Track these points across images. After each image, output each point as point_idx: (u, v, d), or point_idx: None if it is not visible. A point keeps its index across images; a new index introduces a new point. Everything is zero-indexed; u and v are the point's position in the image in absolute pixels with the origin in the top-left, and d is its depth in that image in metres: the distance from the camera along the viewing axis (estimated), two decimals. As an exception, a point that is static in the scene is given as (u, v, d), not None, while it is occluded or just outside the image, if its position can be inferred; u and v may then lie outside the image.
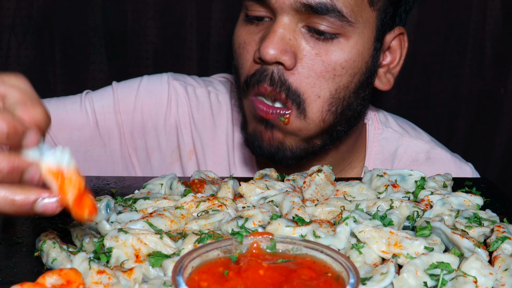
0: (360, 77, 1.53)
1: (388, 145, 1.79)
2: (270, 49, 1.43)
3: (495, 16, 2.51)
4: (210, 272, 0.89)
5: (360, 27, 1.48)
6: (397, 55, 1.62)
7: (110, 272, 0.97)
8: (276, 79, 1.46)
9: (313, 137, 1.54)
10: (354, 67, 1.50)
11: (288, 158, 1.54)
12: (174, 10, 2.44)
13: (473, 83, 2.59)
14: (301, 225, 1.11)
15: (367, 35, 1.50)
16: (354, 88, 1.53)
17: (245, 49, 1.53)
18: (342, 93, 1.51)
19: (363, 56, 1.51)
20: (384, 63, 1.61)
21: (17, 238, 1.13)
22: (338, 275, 0.90)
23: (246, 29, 1.54)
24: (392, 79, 1.63)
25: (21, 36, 2.40)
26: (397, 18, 1.58)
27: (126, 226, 1.10)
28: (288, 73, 1.47)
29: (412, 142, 1.81)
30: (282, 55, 1.44)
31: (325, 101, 1.49)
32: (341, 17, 1.44)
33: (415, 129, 1.88)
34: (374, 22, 1.51)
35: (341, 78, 1.49)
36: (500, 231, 1.12)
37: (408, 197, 1.32)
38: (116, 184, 1.41)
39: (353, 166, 1.77)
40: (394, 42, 1.60)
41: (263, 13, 1.49)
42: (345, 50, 1.47)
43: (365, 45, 1.50)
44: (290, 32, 1.46)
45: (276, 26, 1.45)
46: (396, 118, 1.88)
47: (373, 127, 1.79)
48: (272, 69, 1.47)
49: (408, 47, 1.63)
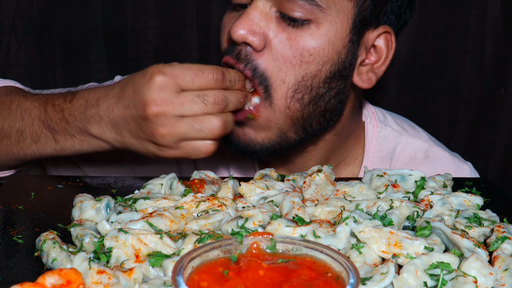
0: (331, 67, 1.51)
1: (386, 144, 1.78)
2: (239, 28, 1.46)
3: (495, 16, 2.51)
4: (210, 272, 0.89)
5: (332, 14, 1.47)
6: (383, 55, 1.59)
7: (110, 272, 0.97)
8: (242, 56, 1.48)
9: (285, 130, 1.53)
10: (323, 55, 1.49)
11: (259, 152, 1.54)
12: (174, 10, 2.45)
13: (473, 83, 2.59)
14: (301, 225, 1.11)
15: (340, 25, 1.49)
16: (323, 78, 1.51)
17: (224, 31, 1.56)
18: (309, 81, 1.50)
19: (335, 46, 1.49)
20: (368, 62, 1.59)
21: (17, 238, 1.13)
22: (338, 275, 0.90)
23: (229, 14, 1.57)
24: (374, 78, 1.60)
25: (21, 36, 2.40)
26: (381, 15, 1.55)
27: (126, 226, 1.10)
28: (256, 54, 1.48)
29: (410, 140, 1.80)
30: (250, 36, 1.46)
31: (289, 87, 1.49)
32: (311, 1, 1.44)
33: (413, 127, 1.87)
34: (351, 12, 1.50)
35: (308, 65, 1.48)
36: (500, 231, 1.12)
37: (408, 197, 1.32)
38: (116, 184, 1.41)
39: (348, 163, 1.76)
40: (380, 41, 1.58)
41: (244, 0, 1.52)
42: (315, 36, 1.47)
43: (338, 34, 1.49)
44: (262, 15, 1.47)
45: (249, 8, 1.48)
46: (394, 116, 1.88)
47: (371, 125, 1.78)
48: (241, 48, 1.48)
49: (395, 48, 1.59)
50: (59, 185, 1.39)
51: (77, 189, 1.37)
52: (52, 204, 1.29)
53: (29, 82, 2.45)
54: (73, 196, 1.32)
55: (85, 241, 1.08)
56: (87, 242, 1.08)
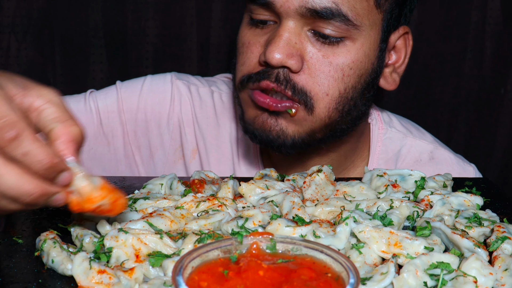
0: (367, 78, 1.54)
1: (391, 145, 1.79)
2: (276, 53, 1.43)
3: (495, 16, 2.51)
4: (210, 272, 0.89)
5: (366, 29, 1.48)
6: (402, 54, 1.62)
7: (111, 272, 0.97)
8: (281, 78, 1.47)
9: (316, 131, 1.54)
10: (361, 68, 1.51)
11: (288, 146, 1.53)
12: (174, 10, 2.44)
13: (473, 83, 2.59)
14: (301, 225, 1.11)
15: (373, 37, 1.51)
16: (360, 88, 1.53)
17: (249, 49, 1.53)
18: (350, 93, 1.52)
19: (369, 58, 1.52)
20: (390, 62, 1.62)
21: (17, 238, 1.13)
22: (338, 275, 0.90)
23: (251, 31, 1.54)
24: (397, 79, 1.64)
25: (21, 36, 2.40)
26: (402, 18, 1.58)
27: (126, 226, 1.10)
28: (294, 75, 1.47)
29: (415, 142, 1.81)
30: (288, 59, 1.44)
31: (333, 99, 1.50)
32: (346, 21, 1.44)
33: (418, 129, 1.88)
34: (380, 23, 1.52)
35: (349, 79, 1.50)
36: (500, 231, 1.12)
37: (408, 197, 1.32)
38: (117, 184, 1.41)
39: (356, 165, 1.77)
40: (399, 41, 1.61)
41: (267, 17, 1.50)
42: (352, 52, 1.48)
43: (371, 46, 1.51)
44: (295, 36, 1.46)
45: (281, 30, 1.45)
46: (400, 118, 1.88)
47: (377, 127, 1.79)
48: (278, 70, 1.47)
49: (412, 45, 1.63)
50: (59, 185, 1.39)
51: (77, 189, 1.37)
52: (52, 204, 1.29)
53: (29, 82, 2.45)
54: (73, 196, 1.32)
55: (85, 241, 1.08)
56: (87, 242, 1.08)
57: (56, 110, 0.98)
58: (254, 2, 1.49)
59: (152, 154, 1.79)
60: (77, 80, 2.49)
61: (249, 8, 1.53)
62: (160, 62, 2.48)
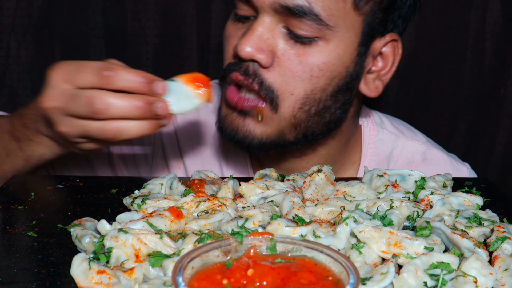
0: (339, 81, 1.51)
1: (383, 147, 1.77)
2: (246, 46, 1.44)
3: (495, 16, 2.51)
4: (209, 280, 0.89)
5: (341, 31, 1.46)
6: (389, 62, 1.58)
7: (110, 272, 0.97)
8: (250, 71, 1.47)
9: (285, 132, 1.53)
10: (333, 70, 1.48)
11: (255, 146, 1.53)
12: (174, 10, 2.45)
13: (473, 83, 2.59)
14: (301, 225, 1.11)
15: (349, 40, 1.48)
16: (331, 91, 1.51)
17: (229, 42, 1.55)
18: (318, 95, 1.49)
19: (343, 61, 1.49)
20: (374, 69, 1.58)
21: (17, 238, 1.13)
22: (338, 278, 0.89)
23: (234, 25, 1.56)
24: (381, 86, 1.60)
25: (21, 36, 2.40)
26: (389, 24, 1.54)
27: (126, 226, 1.10)
28: (263, 70, 1.47)
29: (407, 143, 1.80)
30: (257, 53, 1.45)
31: (298, 99, 1.48)
32: (318, 20, 1.42)
33: (410, 130, 1.86)
34: (360, 26, 1.48)
35: (318, 80, 1.48)
36: (500, 231, 1.12)
37: (408, 197, 1.32)
38: (116, 184, 1.41)
39: (346, 168, 1.75)
40: (387, 48, 1.57)
41: (248, 12, 1.51)
42: (324, 53, 1.46)
43: (347, 49, 1.48)
44: (269, 32, 1.46)
45: (256, 25, 1.46)
46: (391, 119, 1.87)
47: (368, 128, 1.77)
48: (248, 64, 1.47)
49: (401, 55, 1.59)
50: (59, 185, 1.39)
51: (77, 189, 1.37)
52: (52, 204, 1.29)
53: (29, 82, 2.45)
54: (73, 196, 1.32)
55: (85, 241, 1.08)
56: (87, 242, 1.08)
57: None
58: None
59: (138, 168, 1.79)
60: (77, 80, 2.48)
61: (233, 3, 1.55)
62: (160, 62, 2.48)
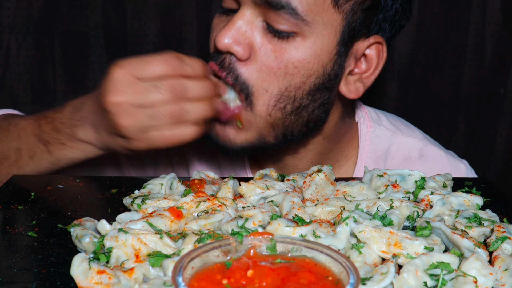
0: (316, 79, 1.49)
1: (380, 143, 1.77)
2: (224, 38, 1.45)
3: (495, 16, 2.52)
4: (209, 280, 0.89)
5: (319, 27, 1.45)
6: (373, 65, 1.55)
7: (110, 272, 0.97)
8: (226, 64, 1.47)
9: (264, 135, 1.52)
10: (308, 68, 1.47)
11: (236, 152, 1.54)
12: (174, 10, 2.45)
13: (473, 83, 2.60)
14: (301, 225, 1.11)
15: (327, 38, 1.46)
16: (308, 90, 1.50)
17: (212, 34, 1.56)
18: (293, 92, 1.48)
19: (320, 59, 1.47)
20: (357, 71, 1.56)
21: (17, 238, 1.13)
22: (338, 279, 0.89)
23: (218, 17, 1.56)
24: (361, 89, 1.57)
25: (21, 36, 2.40)
26: (373, 26, 1.52)
27: (126, 226, 1.10)
28: (240, 63, 1.46)
29: (404, 139, 1.79)
30: (234, 45, 1.45)
31: (272, 96, 1.48)
32: (295, 15, 1.41)
33: (408, 126, 1.86)
34: (339, 25, 1.47)
35: (292, 77, 1.47)
36: (500, 231, 1.12)
37: (408, 197, 1.32)
38: (116, 184, 1.41)
39: (341, 165, 1.75)
40: (371, 51, 1.54)
41: (233, 5, 1.51)
42: (300, 49, 1.45)
43: (324, 47, 1.47)
44: (248, 25, 1.46)
45: (235, 17, 1.47)
46: (388, 115, 1.86)
47: (364, 125, 1.77)
48: (225, 56, 1.48)
49: (386, 59, 1.56)
50: (59, 185, 1.39)
51: (77, 189, 1.37)
52: (52, 204, 1.29)
53: (29, 82, 2.45)
54: (73, 196, 1.32)
55: (85, 241, 1.08)
56: (87, 242, 1.08)
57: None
58: None
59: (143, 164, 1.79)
60: (77, 80, 2.49)
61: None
62: (160, 62, 2.48)
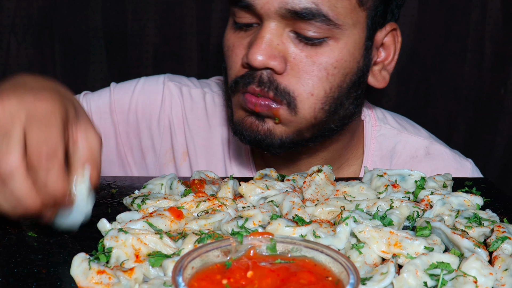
0: (352, 76, 1.52)
1: (386, 142, 1.78)
2: (257, 55, 1.43)
3: (495, 16, 2.51)
4: (209, 280, 0.89)
5: (349, 28, 1.46)
6: (391, 51, 1.61)
7: (110, 272, 0.97)
8: (265, 79, 1.46)
9: (303, 131, 1.53)
10: (346, 67, 1.49)
11: (276, 146, 1.52)
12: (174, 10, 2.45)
13: (473, 83, 2.60)
14: (301, 225, 1.11)
15: (357, 35, 1.49)
16: (346, 87, 1.52)
17: (234, 52, 1.53)
18: (336, 93, 1.50)
19: (354, 56, 1.50)
20: (379, 60, 1.60)
21: (17, 238, 1.13)
22: (338, 278, 0.89)
23: (235, 33, 1.54)
24: (387, 76, 1.62)
25: (21, 36, 2.40)
26: (388, 14, 1.57)
27: (126, 226, 1.10)
28: (277, 76, 1.46)
29: (410, 138, 1.80)
30: (270, 61, 1.44)
31: (319, 99, 1.49)
32: (327, 21, 1.42)
33: (413, 125, 1.87)
34: (364, 21, 1.50)
35: (334, 78, 1.48)
36: (500, 231, 1.12)
37: (408, 197, 1.32)
38: (116, 184, 1.41)
39: (351, 164, 1.76)
40: (387, 38, 1.59)
41: (250, 19, 1.49)
42: (335, 51, 1.46)
43: (356, 45, 1.49)
44: (277, 37, 1.45)
45: (263, 32, 1.45)
46: (393, 115, 1.87)
47: (370, 124, 1.78)
48: (262, 72, 1.46)
49: (401, 42, 1.62)
50: (59, 185, 1.39)
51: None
52: (52, 204, 1.29)
53: (29, 82, 2.45)
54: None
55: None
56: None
57: (88, 154, 1.10)
58: (236, 5, 1.49)
59: (144, 156, 1.79)
60: (77, 80, 2.49)
61: (232, 11, 1.53)
62: (160, 62, 2.49)
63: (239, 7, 1.48)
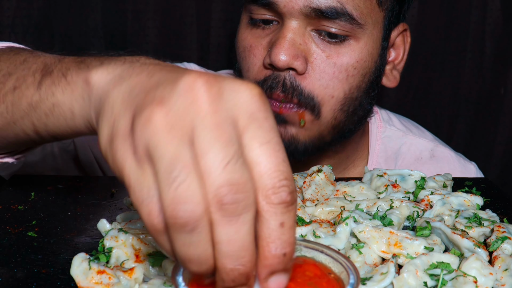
0: (370, 76, 1.53)
1: (391, 144, 1.78)
2: (281, 55, 1.40)
3: (495, 16, 2.51)
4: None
5: (369, 28, 1.47)
6: (401, 51, 1.63)
7: (110, 272, 0.97)
8: (288, 85, 1.44)
9: (324, 134, 1.53)
10: (365, 67, 1.50)
11: (300, 152, 1.52)
12: (174, 10, 2.44)
13: (473, 83, 2.59)
14: (301, 225, 1.11)
15: (376, 35, 1.50)
16: (365, 88, 1.53)
17: (252, 52, 1.50)
18: (355, 93, 1.51)
19: (373, 56, 1.51)
20: (390, 59, 1.62)
21: (17, 238, 1.13)
22: (338, 277, 0.90)
23: (252, 32, 1.51)
24: (398, 76, 1.64)
25: (21, 36, 2.40)
26: (401, 15, 1.59)
27: (126, 226, 1.10)
28: (300, 77, 1.45)
29: (415, 140, 1.80)
30: (294, 61, 1.42)
31: (338, 101, 1.49)
32: (351, 20, 1.42)
33: (418, 128, 1.87)
34: (382, 22, 1.51)
35: (354, 79, 1.49)
36: (500, 231, 1.12)
37: (408, 197, 1.32)
38: (116, 184, 1.41)
39: (356, 165, 1.76)
40: (398, 38, 1.61)
41: (269, 16, 1.46)
42: (356, 51, 1.47)
43: (374, 45, 1.51)
44: (300, 37, 1.43)
45: (285, 31, 1.42)
46: (399, 117, 1.88)
47: (375, 125, 1.78)
48: (284, 75, 1.44)
49: (410, 42, 1.64)
50: (59, 185, 1.39)
51: (77, 189, 1.37)
52: (52, 204, 1.29)
53: (29, 82, 2.45)
54: (73, 196, 1.32)
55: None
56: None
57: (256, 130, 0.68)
58: (256, 3, 1.46)
59: None
60: (77, 80, 2.48)
61: (248, 8, 1.50)
62: (160, 62, 2.48)
63: (259, 5, 1.45)
